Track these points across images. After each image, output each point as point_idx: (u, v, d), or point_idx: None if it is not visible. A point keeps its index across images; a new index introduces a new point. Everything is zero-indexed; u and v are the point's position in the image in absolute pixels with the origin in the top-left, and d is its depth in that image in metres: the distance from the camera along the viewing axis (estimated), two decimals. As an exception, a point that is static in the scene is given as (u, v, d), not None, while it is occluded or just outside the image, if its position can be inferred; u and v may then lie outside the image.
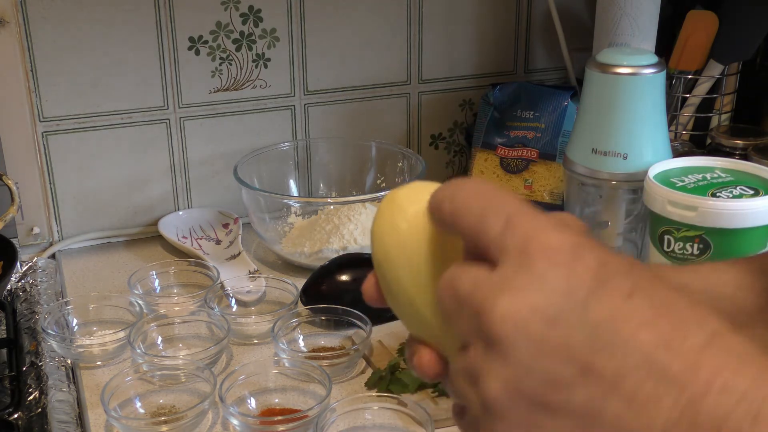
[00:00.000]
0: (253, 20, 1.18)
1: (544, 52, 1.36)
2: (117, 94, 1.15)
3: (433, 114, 1.33)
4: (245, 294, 1.04)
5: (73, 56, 1.11)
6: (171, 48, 1.15)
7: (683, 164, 1.04)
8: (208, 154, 1.22)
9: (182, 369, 0.88)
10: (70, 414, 0.85)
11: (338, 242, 1.10)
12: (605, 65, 1.05)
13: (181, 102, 1.18)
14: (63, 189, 1.17)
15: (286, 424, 0.80)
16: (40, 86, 1.11)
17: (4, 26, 1.07)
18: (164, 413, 0.83)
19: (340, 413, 0.81)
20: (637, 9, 1.16)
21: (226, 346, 0.93)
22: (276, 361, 0.91)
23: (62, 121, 1.14)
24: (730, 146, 1.17)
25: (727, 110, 1.26)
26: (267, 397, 0.86)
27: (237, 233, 1.18)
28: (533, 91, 1.25)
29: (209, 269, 1.07)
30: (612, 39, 1.19)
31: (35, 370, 0.92)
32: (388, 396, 0.83)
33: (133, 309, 0.98)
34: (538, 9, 1.33)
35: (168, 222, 1.21)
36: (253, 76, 1.21)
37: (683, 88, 1.23)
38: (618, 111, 1.04)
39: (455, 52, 1.31)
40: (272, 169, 1.23)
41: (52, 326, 0.95)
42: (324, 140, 1.28)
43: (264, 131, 1.24)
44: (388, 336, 0.94)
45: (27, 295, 1.07)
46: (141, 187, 1.21)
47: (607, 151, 1.06)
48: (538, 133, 1.22)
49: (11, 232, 1.13)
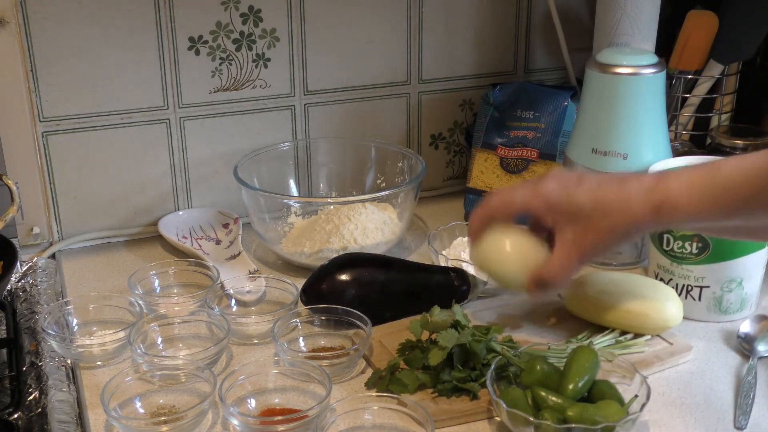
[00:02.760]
0: (253, 20, 1.18)
1: (544, 52, 1.36)
2: (117, 94, 1.15)
3: (433, 114, 1.33)
4: (245, 294, 1.04)
5: (73, 56, 1.11)
6: (171, 48, 1.15)
7: (683, 164, 1.04)
8: (208, 154, 1.22)
9: (182, 369, 0.88)
10: (70, 414, 0.85)
11: (338, 242, 1.10)
12: (605, 65, 1.05)
13: (181, 102, 1.18)
14: (63, 189, 1.17)
15: (286, 424, 0.80)
16: (40, 86, 1.11)
17: (4, 26, 1.07)
18: (164, 413, 0.83)
19: (340, 413, 0.81)
20: (637, 9, 1.16)
21: (226, 346, 0.93)
22: (276, 361, 0.91)
23: (62, 121, 1.14)
24: (730, 146, 1.17)
25: (727, 110, 1.26)
26: (267, 397, 0.86)
27: (237, 233, 1.18)
28: (533, 91, 1.25)
29: (209, 269, 1.07)
30: (612, 39, 1.19)
31: (35, 370, 0.92)
32: (388, 396, 0.83)
33: (133, 309, 0.98)
34: (538, 9, 1.33)
35: (168, 222, 1.21)
36: (253, 76, 1.21)
37: (683, 88, 1.23)
38: (618, 111, 1.04)
39: (455, 52, 1.31)
40: (272, 169, 1.23)
41: (52, 326, 0.95)
42: (324, 140, 1.28)
43: (264, 131, 1.24)
44: (388, 336, 0.94)
45: (27, 295, 1.07)
46: (141, 187, 1.21)
47: (607, 151, 1.06)
48: (538, 133, 1.22)
49: (11, 232, 1.13)
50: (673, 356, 0.91)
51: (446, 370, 0.85)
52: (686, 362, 0.92)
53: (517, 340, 0.91)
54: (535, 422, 0.75)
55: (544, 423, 0.75)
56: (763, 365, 0.91)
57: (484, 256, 0.86)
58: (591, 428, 0.74)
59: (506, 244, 0.84)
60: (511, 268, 0.84)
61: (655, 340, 0.93)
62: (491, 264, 0.86)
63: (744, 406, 0.83)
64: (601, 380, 0.80)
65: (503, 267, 0.85)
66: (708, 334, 0.97)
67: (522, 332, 0.96)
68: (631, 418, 0.76)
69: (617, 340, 0.92)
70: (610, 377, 0.82)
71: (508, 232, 0.85)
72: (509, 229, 0.85)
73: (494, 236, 0.85)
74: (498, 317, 0.99)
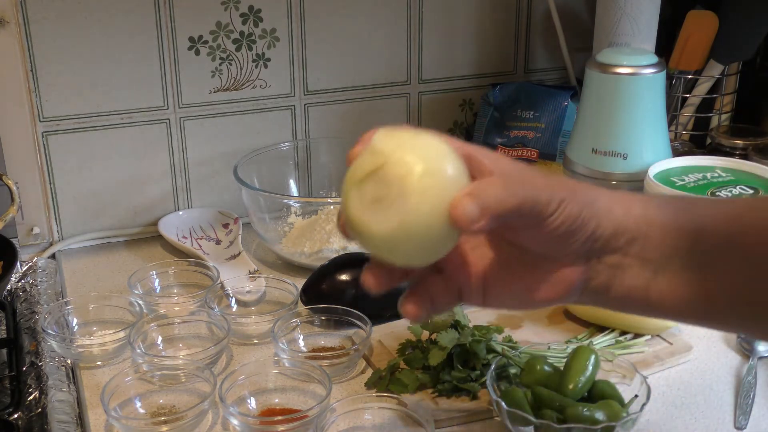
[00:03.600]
0: (253, 20, 1.18)
1: (544, 52, 1.36)
2: (117, 94, 1.15)
3: (433, 114, 1.33)
4: (245, 294, 1.04)
5: (73, 56, 1.11)
6: (171, 48, 1.15)
7: (683, 163, 1.04)
8: (208, 154, 1.22)
9: (182, 369, 0.88)
10: (70, 414, 0.85)
11: (338, 242, 1.10)
12: (605, 65, 1.05)
13: (181, 102, 1.18)
14: (63, 189, 1.17)
15: (286, 424, 0.80)
16: (40, 86, 1.11)
17: (4, 26, 1.07)
18: (164, 413, 0.83)
19: (340, 413, 0.81)
20: (637, 9, 1.16)
21: (226, 346, 0.93)
22: (276, 361, 0.91)
23: (62, 121, 1.14)
24: (730, 146, 1.17)
25: (727, 110, 1.26)
26: (267, 397, 0.86)
27: (237, 233, 1.18)
28: (533, 91, 1.25)
29: (209, 269, 1.07)
30: (612, 39, 1.19)
31: (35, 370, 0.92)
32: (388, 396, 0.83)
33: (133, 309, 0.98)
34: (538, 9, 1.33)
35: (168, 222, 1.21)
36: (253, 76, 1.21)
37: (683, 88, 1.23)
38: (618, 111, 1.04)
39: (455, 52, 1.31)
40: (272, 169, 1.23)
41: (52, 326, 0.95)
42: (324, 140, 1.28)
43: (264, 131, 1.24)
44: (388, 336, 0.94)
45: (27, 295, 1.07)
46: (141, 187, 1.21)
47: (607, 151, 1.06)
48: (538, 133, 1.22)
49: (11, 232, 1.13)
50: (673, 356, 0.91)
51: (446, 370, 0.85)
52: (686, 362, 0.92)
53: (517, 340, 0.91)
54: (535, 422, 0.75)
55: (544, 423, 0.75)
56: (763, 365, 0.91)
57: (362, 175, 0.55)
58: (591, 428, 0.74)
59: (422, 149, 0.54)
60: (424, 200, 0.53)
61: (655, 340, 0.93)
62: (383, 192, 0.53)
63: (744, 406, 0.83)
64: (601, 380, 0.80)
65: (407, 198, 0.53)
66: (708, 334, 0.97)
67: (522, 332, 0.96)
68: (631, 418, 0.76)
69: (617, 340, 0.92)
70: (610, 377, 0.82)
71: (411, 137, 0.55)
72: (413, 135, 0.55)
73: (404, 135, 0.55)
74: (498, 317, 0.99)
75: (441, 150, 0.54)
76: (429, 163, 0.53)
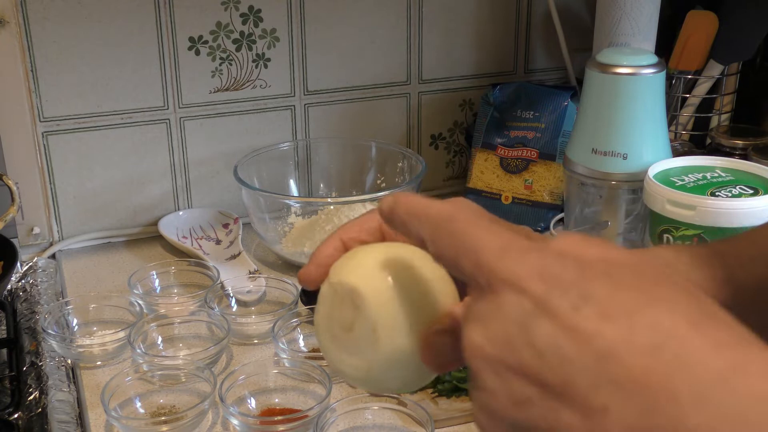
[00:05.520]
0: (253, 20, 1.18)
1: (544, 52, 1.36)
2: (117, 94, 1.15)
3: (433, 114, 1.33)
4: (245, 294, 1.04)
5: (73, 56, 1.11)
6: (171, 48, 1.15)
7: (683, 163, 1.04)
8: (208, 154, 1.22)
9: (182, 369, 0.88)
10: (70, 414, 0.85)
11: (338, 242, 1.10)
12: (605, 65, 1.05)
13: (181, 102, 1.18)
14: (63, 189, 1.17)
15: (286, 424, 0.80)
16: (40, 86, 1.11)
17: (4, 26, 1.07)
18: (164, 413, 0.83)
19: (340, 413, 0.81)
20: (637, 9, 1.16)
21: (226, 346, 0.93)
22: (276, 361, 0.91)
23: (62, 121, 1.14)
24: (730, 146, 1.17)
25: (727, 110, 1.26)
26: (267, 397, 0.86)
27: (237, 233, 1.18)
28: (533, 91, 1.25)
29: (209, 269, 1.07)
30: (612, 39, 1.19)
31: (35, 370, 0.92)
32: (388, 396, 0.83)
33: (133, 309, 0.98)
34: (538, 9, 1.33)
35: (168, 222, 1.21)
36: (253, 76, 1.21)
37: (683, 88, 1.23)
38: (618, 111, 1.04)
39: (455, 52, 1.31)
40: (272, 169, 1.23)
41: (52, 326, 0.95)
42: (324, 140, 1.28)
43: (264, 131, 1.24)
44: (388, 336, 0.94)
45: (27, 295, 1.07)
46: (141, 187, 1.21)
47: (607, 151, 1.06)
48: (538, 133, 1.22)
49: (11, 232, 1.13)
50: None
51: (446, 370, 0.85)
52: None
53: (517, 340, 0.90)
54: (535, 422, 0.75)
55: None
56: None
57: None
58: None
59: (388, 274, 0.46)
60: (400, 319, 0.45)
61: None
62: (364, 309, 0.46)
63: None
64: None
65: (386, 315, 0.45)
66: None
67: (522, 332, 0.95)
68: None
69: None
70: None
71: (391, 253, 0.48)
72: (394, 249, 0.48)
73: (365, 258, 0.48)
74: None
75: (411, 273, 0.46)
76: (398, 291, 0.46)
